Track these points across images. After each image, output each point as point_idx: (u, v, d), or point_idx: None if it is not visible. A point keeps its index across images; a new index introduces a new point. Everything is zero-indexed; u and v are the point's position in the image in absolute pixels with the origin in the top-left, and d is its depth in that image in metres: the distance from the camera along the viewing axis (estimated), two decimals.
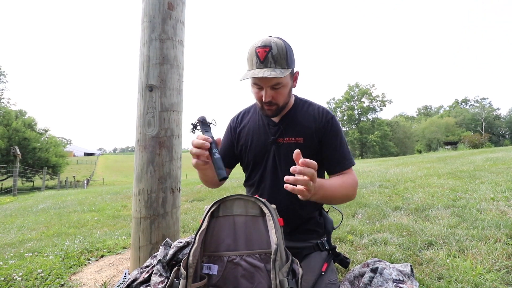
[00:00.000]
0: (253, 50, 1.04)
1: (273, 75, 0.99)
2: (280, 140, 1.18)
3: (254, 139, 1.22)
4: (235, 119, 1.32)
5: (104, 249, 2.09)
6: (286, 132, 1.17)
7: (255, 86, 1.10)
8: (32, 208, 5.34)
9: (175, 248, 1.01)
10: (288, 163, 1.11)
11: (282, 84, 1.06)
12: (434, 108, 78.47)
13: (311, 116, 1.18)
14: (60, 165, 28.60)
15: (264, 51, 1.02)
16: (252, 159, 1.23)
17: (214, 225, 0.99)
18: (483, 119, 54.18)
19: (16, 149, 9.25)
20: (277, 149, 1.18)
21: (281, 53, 1.03)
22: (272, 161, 1.19)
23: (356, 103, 46.11)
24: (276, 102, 1.10)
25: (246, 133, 1.25)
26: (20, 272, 1.70)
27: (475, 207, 2.29)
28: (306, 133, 1.16)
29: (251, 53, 1.05)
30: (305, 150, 1.11)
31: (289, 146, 1.16)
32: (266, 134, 1.20)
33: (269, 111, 1.12)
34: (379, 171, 5.58)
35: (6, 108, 28.31)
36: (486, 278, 1.25)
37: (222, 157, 1.14)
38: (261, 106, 1.13)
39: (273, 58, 1.02)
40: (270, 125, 1.20)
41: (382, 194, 3.21)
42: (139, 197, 1.43)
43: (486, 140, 19.03)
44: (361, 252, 1.67)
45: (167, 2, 1.48)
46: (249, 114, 1.29)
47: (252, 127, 1.24)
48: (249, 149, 1.23)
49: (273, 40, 1.04)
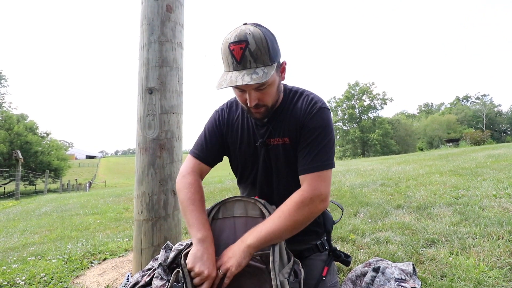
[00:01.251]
0: (227, 47, 0.86)
1: (256, 79, 0.83)
2: (269, 141, 1.05)
3: (244, 140, 1.08)
4: (222, 112, 1.13)
5: (106, 252, 2.10)
6: (274, 132, 1.03)
7: (236, 89, 0.93)
8: (34, 212, 5.36)
9: (176, 251, 1.01)
10: (279, 166, 1.06)
11: (268, 84, 0.90)
12: (435, 105, 78.26)
13: (298, 110, 1.00)
14: (62, 168, 28.66)
15: (239, 48, 0.84)
16: (242, 160, 1.12)
17: (214, 227, 0.99)
18: (484, 116, 54.01)
19: (18, 153, 9.27)
20: (267, 151, 1.06)
21: (261, 48, 0.85)
22: (263, 163, 1.08)
23: (357, 101, 46.03)
24: (264, 103, 0.94)
25: (235, 131, 1.10)
26: (23, 276, 1.71)
27: (477, 205, 2.28)
28: (292, 131, 1.01)
29: (225, 50, 0.87)
30: (291, 151, 1.02)
31: (277, 147, 1.03)
32: (255, 135, 1.07)
33: (257, 114, 0.96)
34: (380, 169, 5.57)
35: (8, 112, 28.41)
36: (489, 276, 1.25)
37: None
38: (247, 110, 0.98)
39: (251, 55, 0.84)
40: (259, 125, 1.06)
41: (384, 193, 3.21)
42: (140, 199, 1.43)
43: (487, 137, 18.96)
44: (363, 251, 1.66)
45: (165, 4, 1.48)
46: (238, 109, 1.12)
47: (241, 126, 1.09)
48: (238, 151, 1.11)
49: (248, 31, 0.85)
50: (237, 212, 1.01)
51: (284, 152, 1.03)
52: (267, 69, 0.86)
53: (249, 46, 0.84)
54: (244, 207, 1.00)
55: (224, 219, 1.01)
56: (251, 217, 0.99)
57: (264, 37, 0.85)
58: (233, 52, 0.85)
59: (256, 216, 0.98)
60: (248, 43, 0.83)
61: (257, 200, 1.00)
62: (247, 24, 0.88)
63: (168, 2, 1.49)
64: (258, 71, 0.84)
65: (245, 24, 0.88)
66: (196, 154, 1.09)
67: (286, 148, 1.02)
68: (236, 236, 0.94)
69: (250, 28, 0.86)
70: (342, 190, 3.65)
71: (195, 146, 1.11)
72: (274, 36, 0.92)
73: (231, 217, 1.00)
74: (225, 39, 0.88)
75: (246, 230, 0.93)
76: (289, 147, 1.02)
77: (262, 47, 0.85)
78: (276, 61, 0.90)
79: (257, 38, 0.84)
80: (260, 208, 0.98)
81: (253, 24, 0.88)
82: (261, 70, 0.85)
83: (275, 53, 0.90)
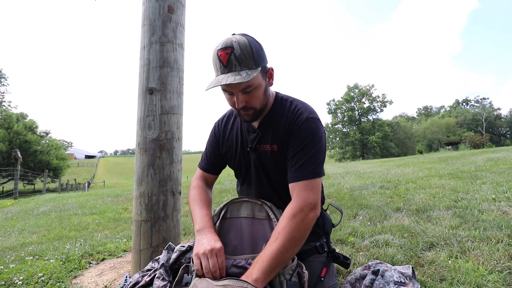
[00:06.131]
0: (215, 53, 0.95)
1: (238, 79, 0.89)
2: (258, 147, 1.10)
3: (238, 147, 1.15)
4: (219, 123, 1.24)
5: (105, 252, 2.09)
6: (263, 139, 1.08)
7: (225, 92, 1.00)
8: (33, 211, 5.34)
9: (178, 252, 1.02)
10: (268, 171, 1.11)
11: (254, 86, 0.96)
12: (434, 108, 78.46)
13: (286, 118, 1.05)
14: (61, 167, 28.64)
15: (226, 53, 0.92)
16: (237, 166, 1.19)
17: (222, 226, 1.02)
18: (484, 119, 54.15)
19: (17, 152, 9.26)
20: (257, 157, 1.11)
21: (245, 53, 0.92)
22: (254, 168, 1.14)
23: (356, 104, 46.10)
24: (252, 106, 0.99)
25: (230, 141, 1.18)
26: (21, 276, 1.70)
27: (476, 208, 2.28)
28: (281, 139, 1.05)
29: (214, 56, 0.96)
30: (280, 158, 1.06)
31: (266, 153, 1.08)
32: (246, 141, 1.13)
33: (246, 116, 1.01)
34: (380, 172, 5.57)
35: (7, 111, 28.41)
36: (488, 280, 1.24)
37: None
38: (237, 112, 1.03)
39: (236, 60, 0.91)
40: (250, 131, 1.12)
41: (383, 195, 3.20)
42: (139, 200, 1.43)
43: (487, 140, 19.02)
44: (363, 254, 1.66)
45: (167, 5, 1.49)
46: (232, 119, 1.21)
47: (235, 135, 1.17)
48: (233, 157, 1.18)
49: (234, 39, 0.94)
50: (244, 213, 1.04)
51: (272, 158, 1.08)
52: (250, 71, 0.92)
53: (234, 51, 0.91)
54: (251, 208, 1.02)
55: (231, 219, 1.04)
56: (257, 219, 1.02)
57: (248, 44, 0.93)
58: (220, 57, 0.93)
59: (263, 218, 1.01)
60: (234, 49, 0.92)
61: (264, 202, 1.02)
62: (235, 34, 0.98)
63: (169, 3, 1.49)
64: (242, 73, 0.91)
65: (233, 34, 0.97)
66: (201, 166, 1.24)
67: (275, 155, 1.07)
68: (242, 237, 0.98)
69: (236, 37, 0.95)
70: (342, 192, 3.64)
71: (201, 158, 1.27)
72: (260, 44, 1.00)
73: (238, 218, 1.03)
74: (214, 47, 0.97)
75: (252, 231, 0.97)
76: (278, 154, 1.06)
77: (247, 52, 0.92)
78: (261, 65, 0.97)
79: (242, 44, 0.93)
80: (267, 211, 0.99)
81: (240, 34, 0.98)
82: (244, 72, 0.91)
83: (260, 58, 0.96)
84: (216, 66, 0.95)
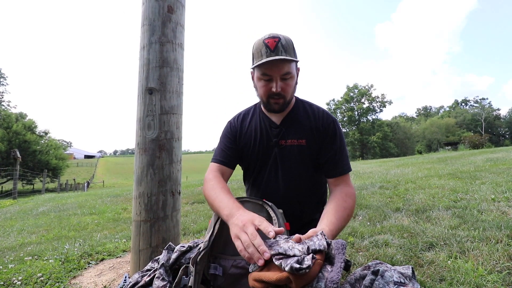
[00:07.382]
0: (261, 42, 1.04)
1: (288, 57, 1.00)
2: (282, 142, 1.15)
3: (256, 141, 1.19)
4: (236, 119, 1.28)
5: (104, 252, 2.09)
6: (288, 134, 1.15)
7: (263, 78, 1.06)
8: (32, 211, 5.33)
9: (178, 253, 1.01)
10: (291, 166, 1.15)
11: (291, 75, 1.05)
12: (434, 108, 78.55)
13: (312, 117, 1.16)
14: (60, 167, 28.60)
15: (274, 41, 1.02)
16: (253, 161, 1.21)
17: (223, 226, 1.00)
18: (483, 120, 54.23)
19: (16, 151, 9.25)
20: (280, 151, 1.16)
21: (289, 44, 1.04)
22: (273, 163, 1.17)
23: (356, 104, 46.13)
24: (285, 94, 1.07)
25: (248, 134, 1.22)
26: (20, 276, 1.70)
27: (476, 208, 2.28)
28: (309, 135, 1.14)
29: (258, 45, 1.05)
30: (308, 152, 1.14)
31: (292, 148, 1.14)
32: (268, 136, 1.18)
33: (276, 105, 1.09)
34: (379, 172, 5.58)
35: (6, 111, 28.37)
36: (487, 280, 1.25)
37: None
38: (266, 101, 1.10)
39: (283, 47, 1.02)
40: (272, 127, 1.18)
41: (383, 195, 3.21)
42: (139, 200, 1.42)
43: (486, 140, 19.03)
44: (362, 254, 1.66)
45: (167, 5, 1.48)
46: (249, 116, 1.26)
47: (254, 129, 1.21)
48: (251, 151, 1.21)
49: (278, 33, 1.06)
50: None
51: (299, 153, 1.14)
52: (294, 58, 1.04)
53: (281, 41, 1.03)
54: (252, 208, 1.02)
55: None
56: None
57: (290, 39, 1.07)
58: (267, 44, 1.03)
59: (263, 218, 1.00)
60: (280, 39, 1.03)
61: (265, 202, 1.02)
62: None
63: (169, 3, 1.49)
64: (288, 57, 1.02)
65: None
66: (216, 160, 1.21)
67: (302, 149, 1.14)
68: None
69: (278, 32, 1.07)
70: None
71: (214, 154, 1.25)
72: None
73: None
74: (257, 40, 1.07)
75: None
76: (306, 148, 1.14)
77: (290, 44, 1.05)
78: (297, 60, 1.08)
79: (286, 37, 1.06)
80: (268, 211, 0.99)
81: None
82: (290, 57, 1.02)
83: (296, 54, 1.09)
84: (261, 52, 1.03)
